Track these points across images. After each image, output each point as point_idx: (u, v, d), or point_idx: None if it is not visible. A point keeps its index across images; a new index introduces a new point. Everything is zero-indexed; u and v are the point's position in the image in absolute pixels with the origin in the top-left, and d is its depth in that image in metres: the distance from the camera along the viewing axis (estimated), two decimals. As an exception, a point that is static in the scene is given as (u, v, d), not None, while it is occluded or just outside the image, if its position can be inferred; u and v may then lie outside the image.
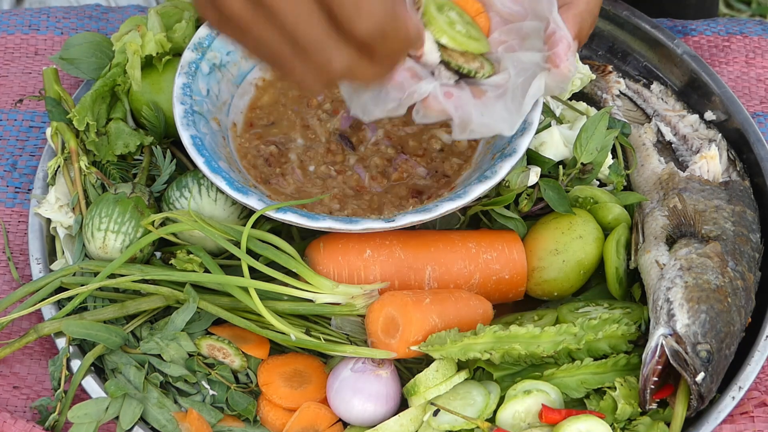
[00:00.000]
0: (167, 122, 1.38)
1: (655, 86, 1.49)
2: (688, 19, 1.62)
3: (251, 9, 0.86)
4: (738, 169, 1.38)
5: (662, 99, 1.48)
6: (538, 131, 1.35)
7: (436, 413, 1.17)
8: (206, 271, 1.24)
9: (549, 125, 1.38)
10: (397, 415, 1.19)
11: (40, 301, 1.26)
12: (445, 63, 1.10)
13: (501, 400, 1.19)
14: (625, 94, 1.49)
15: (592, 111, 1.43)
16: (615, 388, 1.19)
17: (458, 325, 1.20)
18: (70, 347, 1.24)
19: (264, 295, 1.21)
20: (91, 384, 1.22)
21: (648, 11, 1.55)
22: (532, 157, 1.34)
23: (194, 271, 1.24)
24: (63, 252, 1.32)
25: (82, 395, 1.23)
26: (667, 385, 1.18)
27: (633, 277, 1.31)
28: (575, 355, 1.21)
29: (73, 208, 1.32)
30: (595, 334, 1.20)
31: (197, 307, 1.22)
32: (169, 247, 1.30)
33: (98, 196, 1.31)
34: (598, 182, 1.38)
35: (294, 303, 1.22)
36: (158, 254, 1.31)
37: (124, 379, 1.21)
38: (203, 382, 1.22)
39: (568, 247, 1.29)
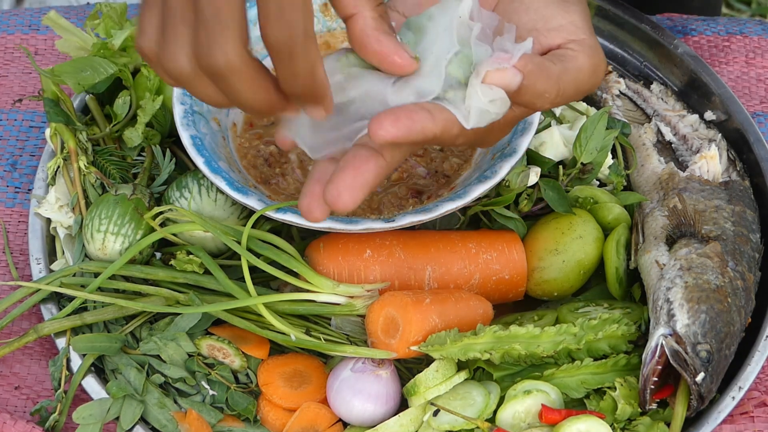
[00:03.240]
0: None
1: (655, 86, 1.49)
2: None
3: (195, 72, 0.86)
4: (738, 169, 1.38)
5: (662, 99, 1.47)
6: (538, 131, 1.35)
7: (436, 413, 1.17)
8: (206, 271, 1.24)
9: (549, 125, 1.38)
10: (397, 415, 1.19)
11: (40, 302, 1.26)
12: None
13: (501, 400, 1.19)
14: (625, 94, 1.48)
15: (592, 111, 1.43)
16: (615, 388, 1.19)
17: (458, 325, 1.20)
18: (70, 347, 1.23)
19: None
20: (91, 384, 1.22)
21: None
22: (532, 157, 1.34)
23: (194, 271, 1.24)
24: (63, 252, 1.32)
25: (82, 395, 1.23)
26: (667, 385, 1.18)
27: (633, 277, 1.31)
28: (575, 355, 1.21)
29: (73, 209, 1.32)
30: (595, 334, 1.20)
31: (197, 307, 1.23)
32: (169, 248, 1.30)
33: (98, 197, 1.30)
34: (598, 182, 1.38)
35: (294, 303, 1.22)
36: (158, 255, 1.31)
37: (124, 379, 1.21)
38: (203, 383, 1.22)
39: (568, 247, 1.29)
